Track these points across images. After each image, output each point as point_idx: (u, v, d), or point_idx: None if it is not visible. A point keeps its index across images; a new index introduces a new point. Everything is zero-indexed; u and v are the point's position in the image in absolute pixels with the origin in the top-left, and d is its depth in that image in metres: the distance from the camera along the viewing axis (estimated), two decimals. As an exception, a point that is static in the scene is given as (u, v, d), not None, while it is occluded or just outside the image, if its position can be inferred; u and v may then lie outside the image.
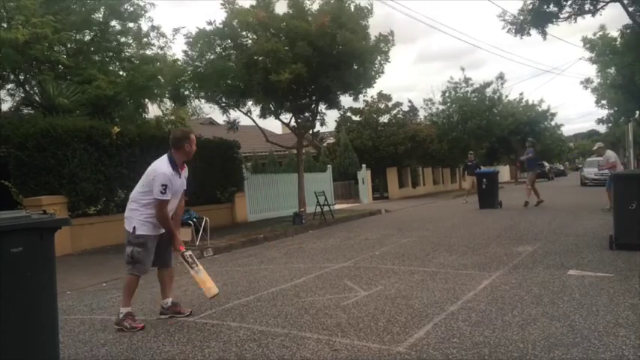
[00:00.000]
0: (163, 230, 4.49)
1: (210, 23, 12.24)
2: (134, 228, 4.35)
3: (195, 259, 4.71)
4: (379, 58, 12.72)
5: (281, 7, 12.81)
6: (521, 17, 14.26)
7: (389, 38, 12.61)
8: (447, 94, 28.64)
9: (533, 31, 14.40)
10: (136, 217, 4.36)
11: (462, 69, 42.43)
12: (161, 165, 4.35)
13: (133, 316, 4.45)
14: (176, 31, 12.55)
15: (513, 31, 14.54)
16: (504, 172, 41.79)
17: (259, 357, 3.52)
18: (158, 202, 4.29)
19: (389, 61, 12.97)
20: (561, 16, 14.13)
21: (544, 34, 14.38)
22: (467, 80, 28.33)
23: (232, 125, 13.93)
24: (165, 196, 4.27)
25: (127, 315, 4.38)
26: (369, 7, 12.50)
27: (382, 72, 13.07)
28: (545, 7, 13.69)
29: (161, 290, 4.76)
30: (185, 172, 4.59)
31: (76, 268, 7.78)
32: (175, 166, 4.41)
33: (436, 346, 3.49)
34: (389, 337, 3.73)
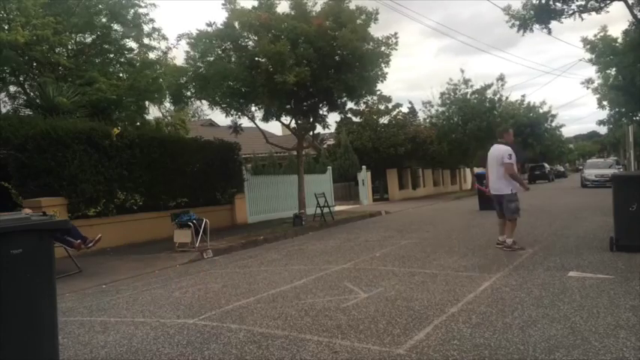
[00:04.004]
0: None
1: (209, 25, 12.25)
2: (511, 190, 7.29)
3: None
4: (380, 60, 12.68)
5: (281, 9, 12.79)
6: (525, 12, 14.22)
7: (390, 41, 12.57)
8: (445, 95, 28.61)
9: (536, 28, 14.39)
10: (509, 185, 7.27)
11: (462, 70, 42.14)
12: (500, 147, 7.45)
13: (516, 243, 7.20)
14: (180, 37, 12.55)
15: (517, 26, 14.51)
16: (505, 173, 41.67)
17: (259, 359, 3.51)
18: (508, 165, 7.21)
19: (389, 65, 12.93)
20: (566, 13, 14.11)
21: (548, 30, 14.37)
22: (466, 82, 28.31)
23: (236, 128, 13.93)
24: (511, 160, 7.19)
25: (513, 242, 7.34)
26: (372, 12, 12.46)
27: (384, 77, 13.03)
28: (551, 2, 13.66)
29: (499, 230, 7.73)
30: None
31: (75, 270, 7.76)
32: (510, 145, 7.40)
33: (436, 348, 3.48)
34: (389, 339, 3.73)
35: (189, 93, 12.86)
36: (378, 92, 17.94)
